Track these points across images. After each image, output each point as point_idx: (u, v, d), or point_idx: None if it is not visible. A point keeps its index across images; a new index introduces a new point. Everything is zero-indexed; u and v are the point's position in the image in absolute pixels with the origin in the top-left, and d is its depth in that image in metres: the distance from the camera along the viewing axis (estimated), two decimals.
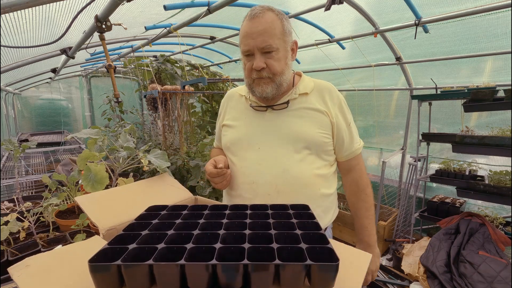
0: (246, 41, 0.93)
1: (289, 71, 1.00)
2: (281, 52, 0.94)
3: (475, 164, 2.58)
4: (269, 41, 0.91)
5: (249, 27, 0.92)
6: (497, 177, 2.25)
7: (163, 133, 3.47)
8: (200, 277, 0.49)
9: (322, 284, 0.50)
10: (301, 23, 2.52)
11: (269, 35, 0.91)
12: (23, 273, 0.55)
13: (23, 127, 4.79)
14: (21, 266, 0.57)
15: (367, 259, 0.61)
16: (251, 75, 0.97)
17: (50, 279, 0.55)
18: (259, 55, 0.93)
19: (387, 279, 2.41)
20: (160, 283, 0.50)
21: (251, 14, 0.93)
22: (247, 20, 0.94)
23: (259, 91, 0.97)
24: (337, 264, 0.49)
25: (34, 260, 0.59)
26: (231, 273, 0.49)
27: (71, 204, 1.50)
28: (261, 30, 0.90)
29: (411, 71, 3.00)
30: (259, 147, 1.01)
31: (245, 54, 0.96)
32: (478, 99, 2.18)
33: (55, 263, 0.60)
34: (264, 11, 0.92)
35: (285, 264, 0.49)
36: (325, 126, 1.01)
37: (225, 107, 1.19)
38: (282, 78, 0.97)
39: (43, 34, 1.88)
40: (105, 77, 5.34)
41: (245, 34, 0.93)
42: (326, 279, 0.50)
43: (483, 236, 2.10)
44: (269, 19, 0.91)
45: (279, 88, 0.98)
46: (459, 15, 1.87)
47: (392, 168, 3.48)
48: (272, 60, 0.93)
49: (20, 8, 1.03)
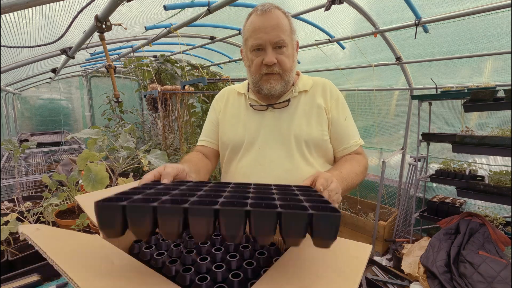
0: (257, 35, 0.91)
1: (295, 69, 1.01)
2: (290, 49, 0.94)
3: (475, 164, 2.58)
4: (282, 36, 0.90)
5: (261, 21, 0.91)
6: (497, 177, 2.25)
7: (163, 133, 3.47)
8: (201, 223, 0.48)
9: (324, 235, 0.48)
10: (301, 23, 2.52)
11: (281, 30, 0.90)
12: (35, 233, 0.57)
13: (23, 127, 4.79)
14: (32, 228, 0.59)
15: (367, 250, 0.61)
16: (261, 70, 0.95)
17: (61, 243, 0.58)
18: (270, 50, 0.91)
19: (387, 279, 2.41)
20: (163, 228, 0.49)
21: (262, 9, 0.92)
22: (257, 15, 0.92)
23: (268, 87, 0.95)
24: (339, 215, 0.48)
25: (44, 227, 0.61)
26: (233, 220, 0.48)
27: (71, 204, 1.49)
28: (274, 24, 0.90)
29: (411, 71, 3.00)
30: (260, 146, 1.01)
31: (255, 49, 0.94)
32: (478, 99, 2.18)
33: (62, 234, 0.63)
34: (273, 7, 0.93)
35: (286, 213, 0.47)
36: (325, 122, 1.01)
37: (224, 101, 1.15)
38: (290, 76, 0.97)
39: (43, 34, 1.88)
40: (105, 77, 5.34)
41: (256, 28, 0.91)
42: (328, 231, 0.48)
43: (483, 236, 2.10)
44: (280, 15, 0.92)
45: (287, 86, 0.98)
46: (459, 15, 1.87)
47: (392, 168, 3.48)
48: (283, 56, 0.93)
49: (20, 8, 1.03)
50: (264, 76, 0.95)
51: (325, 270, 0.54)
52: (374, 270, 2.54)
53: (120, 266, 0.54)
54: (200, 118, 4.28)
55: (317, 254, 0.60)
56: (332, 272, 0.54)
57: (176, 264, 0.65)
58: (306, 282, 0.51)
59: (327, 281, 0.51)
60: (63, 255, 0.51)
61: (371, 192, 3.74)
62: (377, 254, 3.04)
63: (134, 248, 0.76)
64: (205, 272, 0.64)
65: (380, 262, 2.71)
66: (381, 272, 2.51)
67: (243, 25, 0.99)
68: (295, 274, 0.53)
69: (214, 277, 0.61)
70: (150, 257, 0.71)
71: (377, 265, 2.56)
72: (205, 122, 1.20)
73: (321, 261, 0.57)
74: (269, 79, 0.95)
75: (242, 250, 0.73)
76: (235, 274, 0.62)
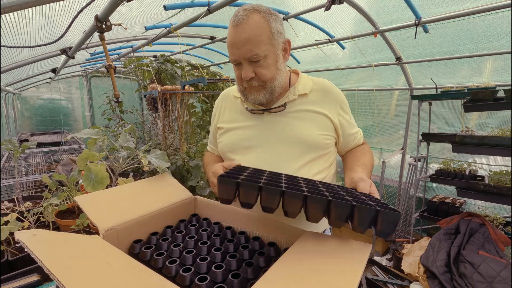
0: (232, 50, 0.88)
1: (281, 75, 0.96)
2: (270, 57, 0.89)
3: (475, 164, 2.58)
4: (255, 50, 0.85)
5: (233, 35, 0.86)
6: (497, 177, 2.25)
7: (163, 133, 3.47)
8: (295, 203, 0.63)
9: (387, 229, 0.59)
10: (301, 23, 2.52)
11: (254, 44, 0.84)
12: (31, 239, 0.57)
13: (23, 127, 4.80)
14: (28, 234, 0.58)
15: (367, 250, 0.61)
16: (242, 83, 0.94)
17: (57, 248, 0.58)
18: (246, 65, 0.88)
19: (387, 279, 2.41)
20: (265, 198, 0.65)
21: (234, 20, 0.85)
22: (231, 27, 0.87)
23: (252, 98, 0.95)
24: (399, 214, 0.59)
25: (40, 232, 0.61)
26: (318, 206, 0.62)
27: (71, 204, 1.49)
28: (245, 38, 0.84)
29: (411, 71, 3.00)
30: (258, 151, 1.00)
31: (233, 63, 0.93)
32: (478, 99, 2.18)
33: (60, 238, 0.62)
34: (248, 15, 0.85)
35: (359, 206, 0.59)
36: (326, 127, 0.99)
37: (220, 108, 1.15)
38: (274, 84, 0.94)
39: (43, 34, 1.88)
40: (105, 77, 5.34)
41: (230, 43, 0.88)
42: (390, 226, 0.59)
43: (483, 236, 2.10)
44: (253, 25, 0.84)
45: (272, 94, 0.96)
46: (459, 15, 1.87)
47: (392, 168, 3.48)
48: (261, 68, 0.89)
49: (20, 8, 1.03)
50: (247, 88, 0.95)
51: (324, 269, 0.54)
52: (374, 270, 2.54)
53: (119, 269, 0.54)
54: (200, 118, 4.28)
55: (317, 254, 0.60)
56: (331, 271, 0.54)
57: (176, 264, 0.65)
58: (306, 282, 0.51)
59: (326, 281, 0.51)
60: (60, 262, 0.50)
61: None
62: (377, 254, 3.04)
63: (134, 248, 0.76)
64: (205, 272, 0.64)
65: (380, 262, 2.71)
66: (381, 272, 2.51)
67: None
68: (294, 274, 0.53)
69: (214, 277, 0.61)
70: (150, 257, 0.71)
71: (377, 265, 2.56)
72: (210, 127, 1.24)
73: (321, 261, 0.57)
74: (252, 90, 0.94)
75: (242, 250, 0.73)
76: (235, 274, 0.62)
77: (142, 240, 0.80)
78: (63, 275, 0.47)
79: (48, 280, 0.95)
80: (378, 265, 2.57)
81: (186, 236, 0.81)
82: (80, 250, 0.59)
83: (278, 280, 0.51)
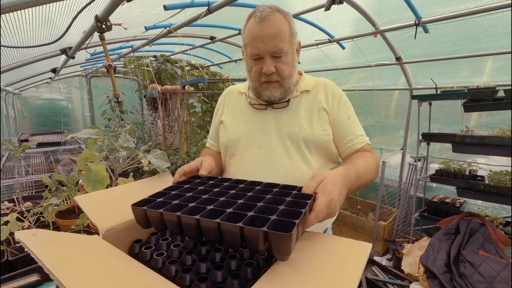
0: (256, 44, 0.90)
1: (295, 74, 0.99)
2: (289, 55, 0.93)
3: (475, 164, 2.58)
4: (280, 45, 0.88)
5: (259, 29, 0.88)
6: (497, 177, 2.25)
7: (163, 133, 3.47)
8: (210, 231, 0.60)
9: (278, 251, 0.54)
10: (301, 23, 2.52)
11: (280, 39, 0.88)
12: (31, 239, 0.57)
13: (23, 127, 4.80)
14: (28, 234, 0.58)
15: (367, 249, 0.61)
16: (260, 78, 0.95)
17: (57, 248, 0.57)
18: (269, 59, 0.91)
19: (387, 279, 2.41)
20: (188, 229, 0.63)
21: (260, 16, 0.88)
22: (256, 22, 0.89)
23: (267, 95, 0.96)
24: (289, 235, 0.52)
25: (40, 232, 0.61)
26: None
27: (71, 204, 1.49)
28: (272, 33, 0.87)
29: (411, 71, 3.00)
30: (260, 146, 1.01)
31: (253, 58, 0.93)
32: (478, 99, 2.18)
33: (60, 238, 0.62)
34: (273, 12, 0.89)
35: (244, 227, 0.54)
36: (327, 123, 1.01)
37: (223, 103, 1.16)
38: (290, 82, 0.97)
39: (43, 34, 1.88)
40: (105, 77, 5.34)
41: (254, 36, 0.89)
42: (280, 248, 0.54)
43: (483, 236, 2.10)
44: (278, 22, 0.88)
45: (287, 92, 0.98)
46: (459, 15, 1.87)
47: (392, 168, 3.48)
48: (282, 64, 0.92)
49: (20, 8, 1.03)
50: (264, 84, 0.96)
51: (324, 269, 0.54)
52: (374, 270, 2.54)
53: (119, 269, 0.54)
54: (200, 118, 4.29)
55: (317, 254, 0.60)
56: (331, 271, 0.54)
57: (176, 265, 0.65)
58: (306, 282, 0.51)
59: (326, 280, 0.51)
60: (60, 262, 0.50)
61: (371, 192, 3.74)
62: (377, 254, 3.04)
63: (134, 248, 0.76)
64: (205, 272, 0.64)
65: (380, 262, 2.70)
66: (381, 272, 2.51)
67: (243, 26, 0.98)
68: (294, 274, 0.53)
69: (214, 278, 0.61)
70: (150, 257, 0.71)
71: (377, 265, 2.56)
72: (211, 123, 1.23)
73: (321, 260, 0.57)
74: (269, 87, 0.96)
75: (242, 250, 0.73)
76: (235, 274, 0.62)
77: (142, 240, 0.80)
78: (63, 275, 0.47)
79: (48, 280, 0.95)
80: (378, 265, 2.57)
81: (186, 237, 0.81)
82: (80, 250, 0.59)
83: (278, 280, 0.51)
